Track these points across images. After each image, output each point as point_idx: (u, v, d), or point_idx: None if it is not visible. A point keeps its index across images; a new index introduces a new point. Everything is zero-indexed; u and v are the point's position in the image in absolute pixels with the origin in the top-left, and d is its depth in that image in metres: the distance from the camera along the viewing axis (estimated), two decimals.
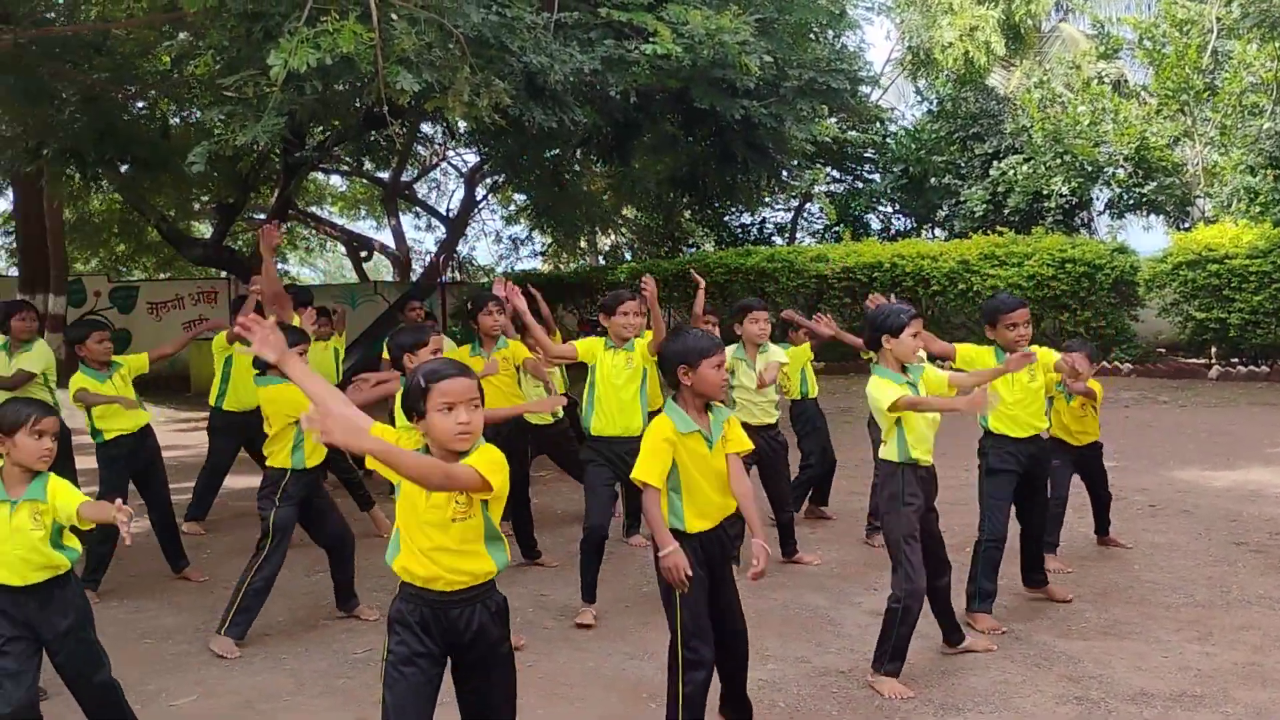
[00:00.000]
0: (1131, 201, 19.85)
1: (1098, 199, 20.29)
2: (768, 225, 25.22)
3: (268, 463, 5.72)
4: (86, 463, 7.21)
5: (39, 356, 7.26)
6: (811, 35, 13.12)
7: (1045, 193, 18.88)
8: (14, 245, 19.79)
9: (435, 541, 3.17)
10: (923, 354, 5.10)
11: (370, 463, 3.11)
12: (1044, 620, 5.57)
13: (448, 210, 25.94)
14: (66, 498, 3.89)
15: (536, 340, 6.07)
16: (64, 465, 7.12)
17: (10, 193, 16.77)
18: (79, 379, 6.50)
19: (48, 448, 3.90)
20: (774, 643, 5.25)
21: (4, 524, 3.82)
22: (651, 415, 6.23)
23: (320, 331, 8.68)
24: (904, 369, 4.78)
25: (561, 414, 7.70)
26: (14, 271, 19.01)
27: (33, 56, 9.89)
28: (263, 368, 5.54)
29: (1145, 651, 5.08)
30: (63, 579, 3.93)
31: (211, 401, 8.10)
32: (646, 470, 3.87)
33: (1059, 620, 5.57)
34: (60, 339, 13.61)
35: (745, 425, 4.46)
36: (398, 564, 3.23)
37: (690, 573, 3.79)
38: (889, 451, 4.82)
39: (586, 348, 6.04)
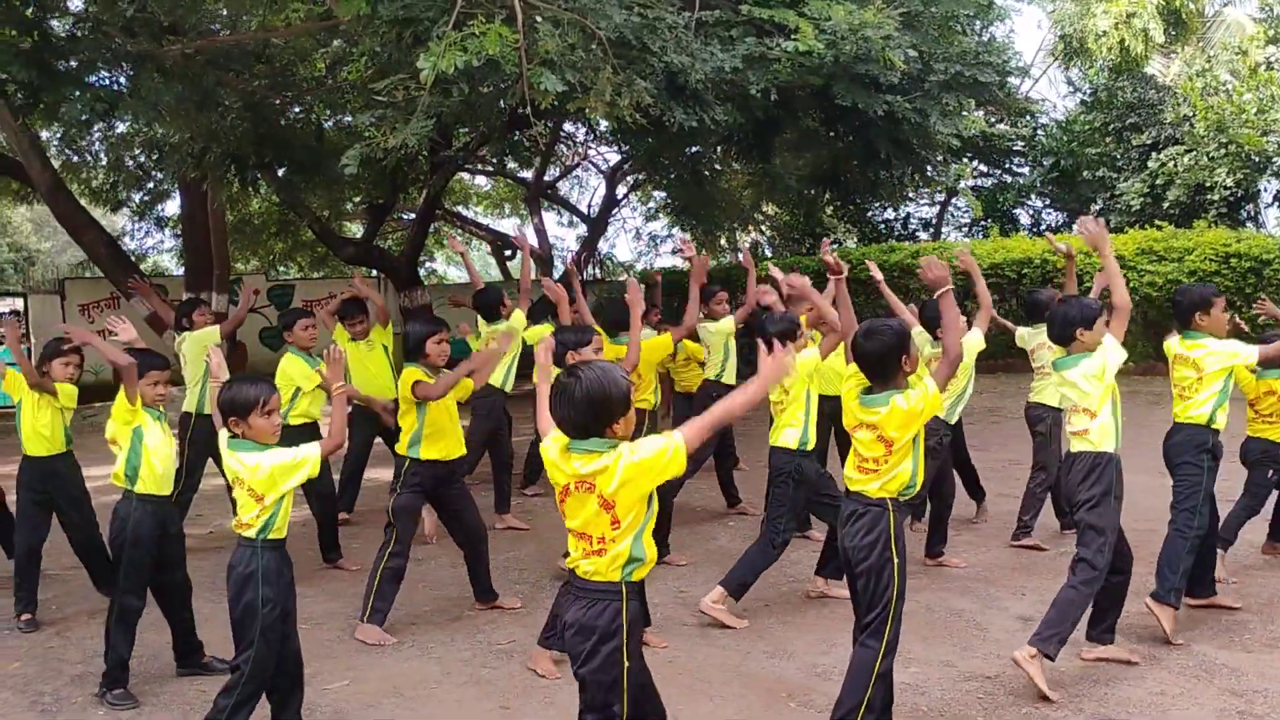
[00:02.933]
0: None
1: (1266, 190, 19.33)
2: (912, 220, 24.79)
3: (395, 448, 5.93)
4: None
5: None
6: (958, 27, 12.82)
7: (1208, 185, 18.05)
8: (181, 246, 20.74)
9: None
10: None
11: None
12: (1205, 630, 5.34)
13: (589, 208, 26.24)
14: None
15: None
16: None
17: (178, 196, 17.60)
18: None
19: (277, 424, 4.09)
20: (918, 645, 5.16)
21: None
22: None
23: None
24: None
25: None
26: (179, 271, 19.96)
27: (198, 66, 10.37)
28: (417, 357, 5.73)
29: None
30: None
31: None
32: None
33: (1221, 630, 5.33)
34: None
35: None
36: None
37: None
38: (1102, 440, 4.73)
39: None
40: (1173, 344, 5.54)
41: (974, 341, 6.09)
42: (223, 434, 4.11)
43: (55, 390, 5.88)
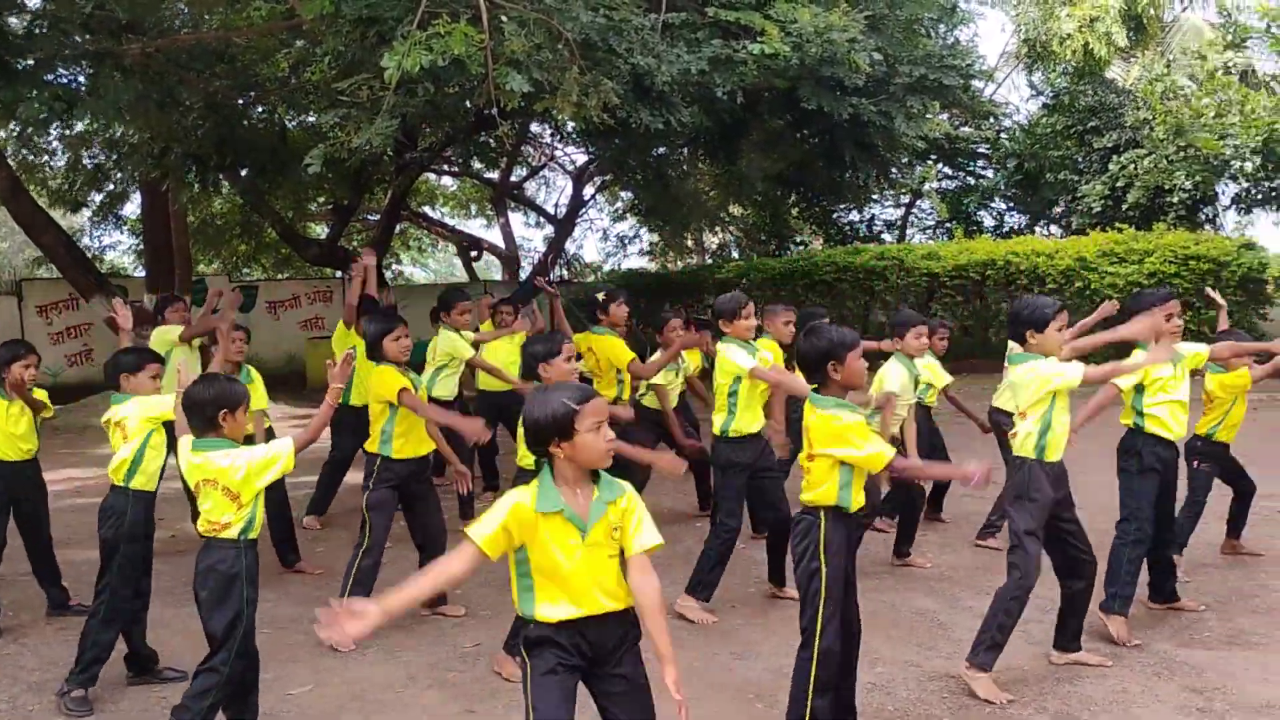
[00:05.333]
0: (1260, 196, 19.10)
1: (1223, 194, 19.58)
2: (877, 222, 24.92)
3: (365, 445, 5.89)
4: None
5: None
6: (922, 31, 12.94)
7: (1167, 187, 18.27)
8: (141, 248, 20.53)
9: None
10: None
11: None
12: (1165, 628, 5.39)
13: (556, 209, 26.21)
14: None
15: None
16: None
17: (138, 197, 17.42)
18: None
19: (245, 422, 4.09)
20: (883, 645, 5.18)
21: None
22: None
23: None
24: None
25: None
26: (141, 273, 19.75)
27: (159, 65, 10.27)
28: (376, 355, 5.74)
29: (1271, 662, 4.88)
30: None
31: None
32: None
33: (1181, 629, 5.39)
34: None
35: None
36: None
37: None
38: (1022, 446, 4.73)
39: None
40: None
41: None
42: (184, 437, 4.06)
43: (36, 401, 5.85)
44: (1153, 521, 5.34)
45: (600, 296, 6.76)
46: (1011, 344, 5.04)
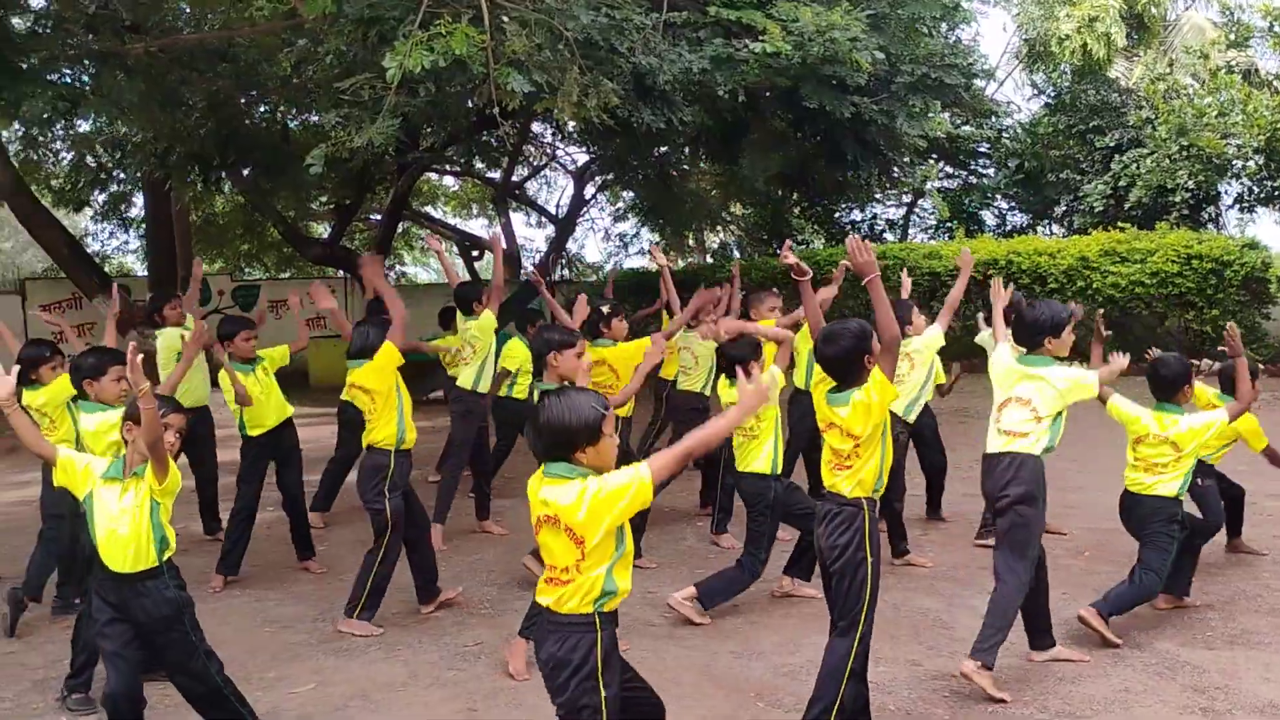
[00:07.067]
0: (1263, 195, 19.06)
1: (1226, 193, 19.53)
2: (879, 221, 24.88)
3: (368, 438, 5.74)
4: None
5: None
6: (924, 30, 12.91)
7: (1170, 187, 18.24)
8: (144, 247, 20.55)
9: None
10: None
11: None
12: (1167, 628, 5.39)
13: (557, 209, 26.21)
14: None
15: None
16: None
17: (141, 196, 17.44)
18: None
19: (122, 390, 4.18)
20: (885, 645, 5.18)
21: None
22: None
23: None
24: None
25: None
26: (144, 272, 19.76)
27: (161, 65, 10.28)
28: (356, 354, 5.67)
29: (1275, 661, 4.89)
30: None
31: (344, 395, 8.29)
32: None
33: (1183, 628, 5.39)
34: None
35: None
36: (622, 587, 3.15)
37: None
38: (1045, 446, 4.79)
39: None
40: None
41: (933, 338, 6.11)
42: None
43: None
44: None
45: (605, 310, 6.76)
46: (1011, 345, 5.03)
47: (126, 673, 3.90)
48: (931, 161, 21.40)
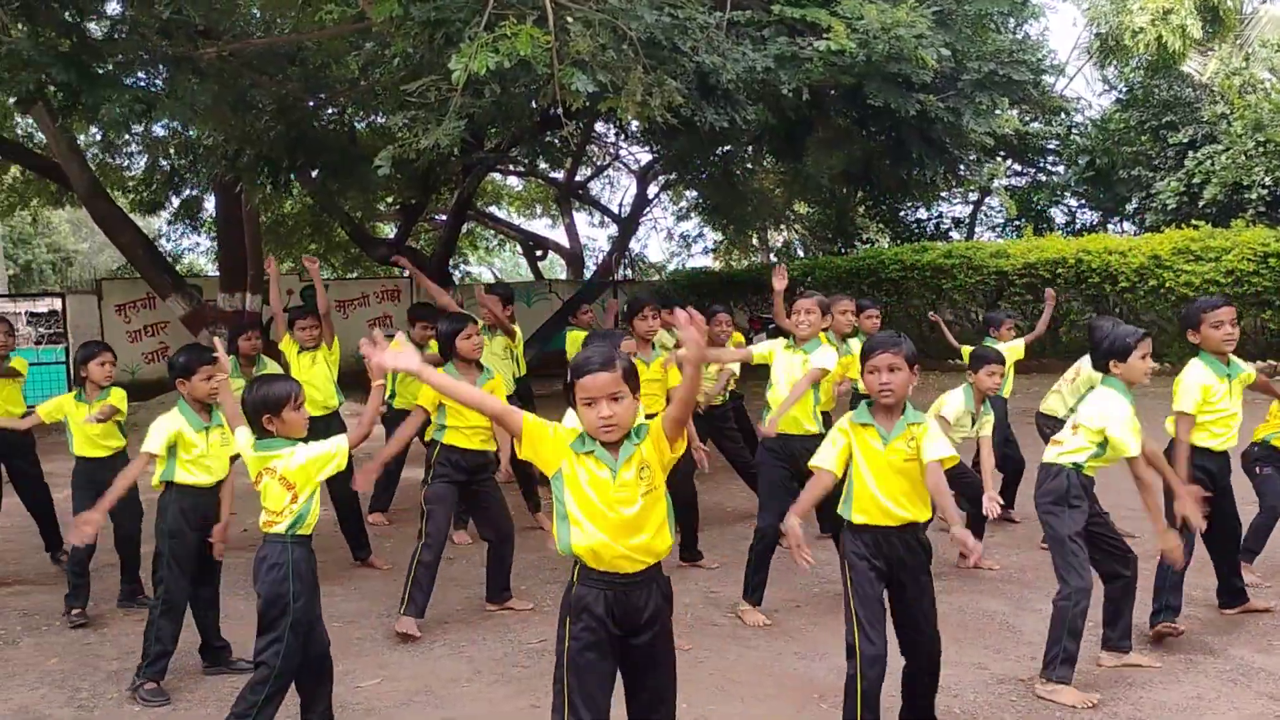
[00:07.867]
0: None
1: None
2: (945, 220, 24.65)
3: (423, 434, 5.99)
4: None
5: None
6: (992, 25, 12.76)
7: (1245, 184, 17.83)
8: (216, 248, 20.94)
9: (622, 519, 3.14)
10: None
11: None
12: (1241, 634, 5.27)
13: (620, 208, 26.27)
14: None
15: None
16: None
17: (213, 198, 17.77)
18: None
19: (305, 417, 4.21)
20: (950, 648, 5.09)
21: None
22: (824, 415, 6.21)
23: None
24: None
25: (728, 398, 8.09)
26: (214, 272, 20.15)
27: (232, 68, 10.47)
28: (447, 353, 5.90)
29: None
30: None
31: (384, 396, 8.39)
32: (819, 457, 4.07)
33: (1258, 634, 5.26)
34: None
35: None
36: (581, 548, 3.17)
37: (804, 548, 3.87)
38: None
39: (762, 353, 6.06)
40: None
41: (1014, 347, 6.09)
42: (244, 434, 4.16)
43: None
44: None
45: (626, 307, 6.81)
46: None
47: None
48: (999, 159, 21.14)
